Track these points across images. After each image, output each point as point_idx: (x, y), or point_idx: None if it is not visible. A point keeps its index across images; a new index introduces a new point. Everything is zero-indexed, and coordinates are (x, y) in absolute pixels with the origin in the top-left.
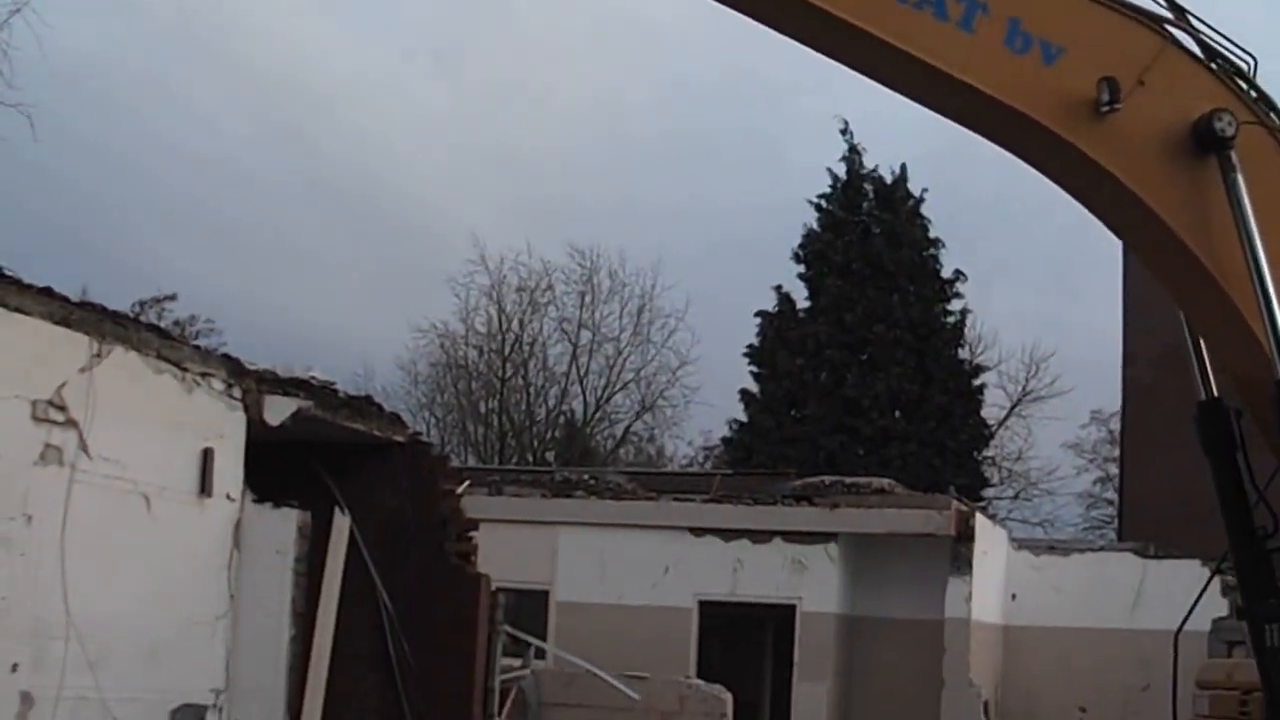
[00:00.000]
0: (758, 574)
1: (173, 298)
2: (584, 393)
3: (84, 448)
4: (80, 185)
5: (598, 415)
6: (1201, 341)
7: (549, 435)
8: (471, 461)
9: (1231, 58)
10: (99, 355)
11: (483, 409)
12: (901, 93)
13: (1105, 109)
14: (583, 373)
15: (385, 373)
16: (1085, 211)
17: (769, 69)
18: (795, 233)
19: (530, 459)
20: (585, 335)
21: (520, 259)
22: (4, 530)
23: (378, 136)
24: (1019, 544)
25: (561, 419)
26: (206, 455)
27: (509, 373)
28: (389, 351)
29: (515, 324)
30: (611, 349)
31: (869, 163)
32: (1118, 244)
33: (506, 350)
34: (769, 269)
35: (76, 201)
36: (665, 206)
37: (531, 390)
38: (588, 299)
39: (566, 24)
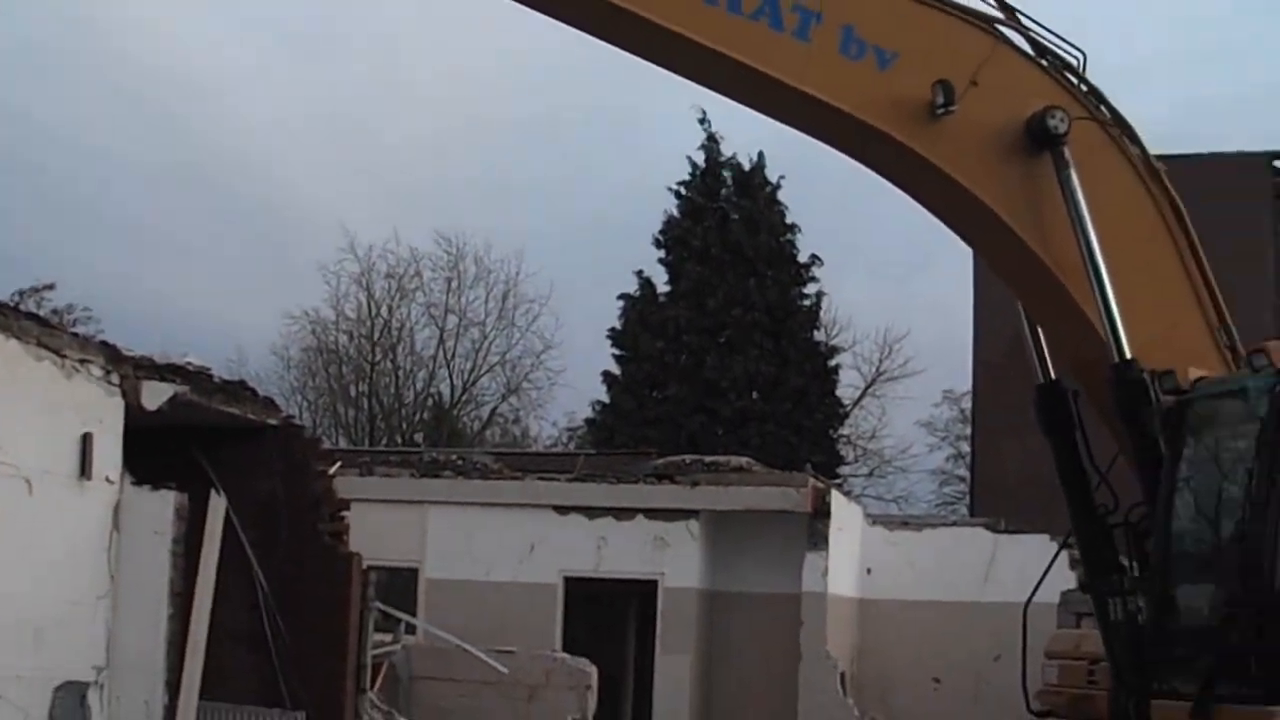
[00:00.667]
0: (621, 551)
1: (51, 287)
2: (451, 376)
3: None
4: None
5: (464, 398)
6: (1039, 328)
7: (418, 417)
8: (343, 444)
9: (1062, 54)
10: None
11: (353, 392)
12: (743, 102)
13: (941, 111)
14: (450, 356)
15: (258, 358)
16: None
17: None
18: (656, 218)
19: (400, 441)
20: (452, 320)
21: (389, 246)
22: None
23: (247, 125)
24: (874, 520)
25: (430, 402)
26: (86, 439)
27: (378, 357)
28: (262, 338)
29: (384, 310)
30: (478, 333)
31: (727, 150)
32: None
33: (376, 335)
34: (629, 254)
35: None
36: (526, 190)
37: (400, 374)
38: (454, 285)
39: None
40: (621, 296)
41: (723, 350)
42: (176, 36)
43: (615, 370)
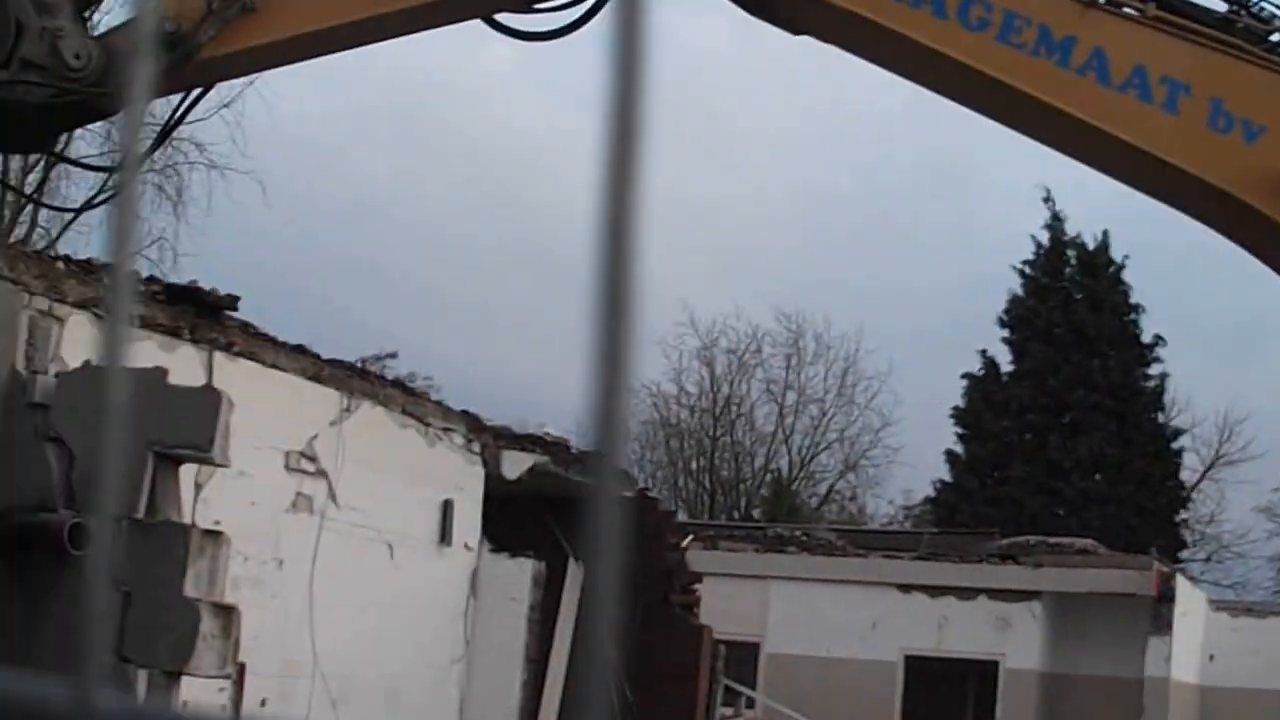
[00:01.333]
0: (962, 630)
1: (394, 355)
2: (789, 452)
3: (332, 497)
4: (304, 244)
5: (802, 474)
6: None
7: (757, 492)
8: (682, 517)
9: None
10: (348, 409)
11: (693, 466)
12: (1103, 171)
13: None
14: (788, 433)
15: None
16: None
17: (962, 147)
18: (995, 300)
19: (738, 515)
20: (791, 396)
21: (729, 322)
22: (257, 573)
23: (579, 205)
24: (1217, 605)
25: (768, 477)
26: (447, 506)
27: (719, 432)
28: None
29: (725, 385)
30: (816, 410)
31: (1071, 229)
32: None
33: (717, 410)
34: (969, 334)
35: (298, 260)
36: (865, 285)
37: (740, 449)
38: (794, 361)
39: (765, 110)
40: (965, 375)
41: (1066, 431)
42: (509, 113)
43: (958, 449)
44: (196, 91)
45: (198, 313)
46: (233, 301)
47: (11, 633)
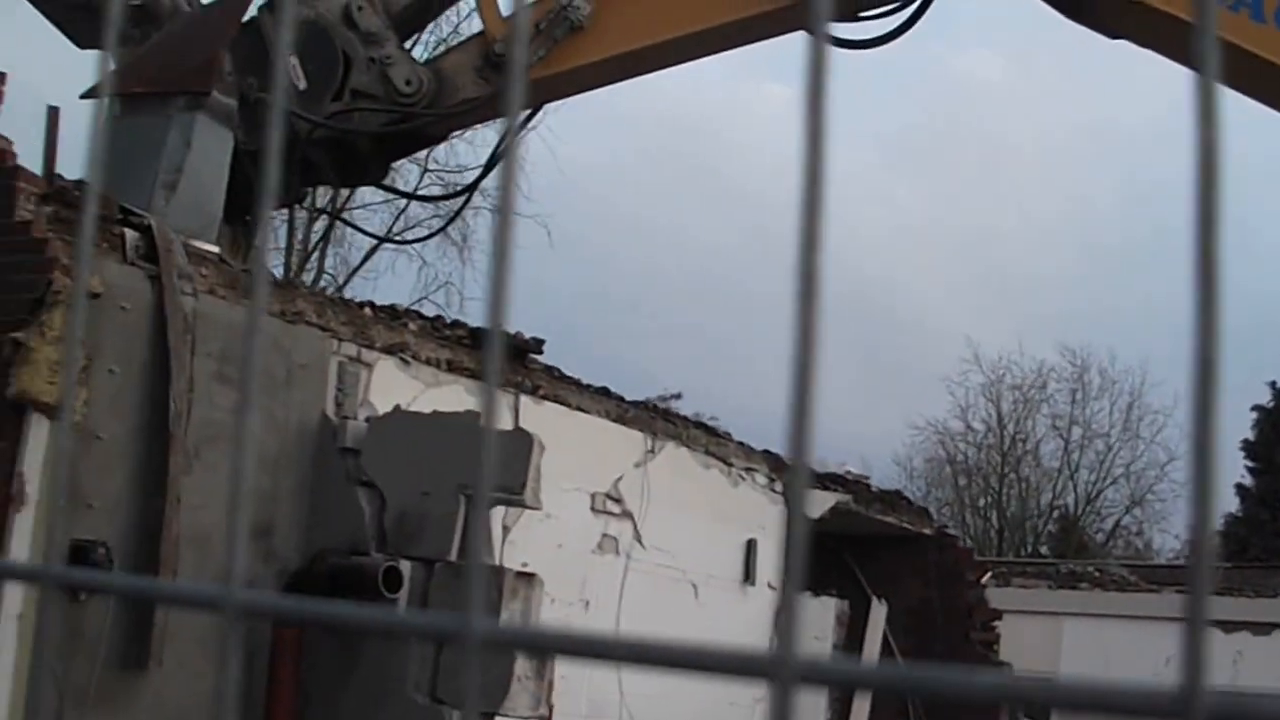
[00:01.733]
0: (1258, 666)
1: (678, 396)
2: (1075, 488)
3: (638, 537)
4: (586, 288)
5: (1089, 509)
6: None
7: (1044, 529)
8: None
9: None
10: (652, 451)
11: (980, 503)
12: None
13: None
14: (1074, 468)
15: (881, 468)
16: None
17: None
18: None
19: (1024, 552)
20: (1076, 431)
21: (1013, 358)
22: (565, 614)
23: (860, 242)
24: None
25: (1055, 513)
26: (750, 546)
27: (1006, 469)
28: (884, 449)
29: (1011, 422)
30: (1102, 445)
31: None
32: None
33: (1004, 447)
34: (1259, 365)
35: (578, 303)
36: (1146, 314)
37: (1025, 485)
38: (1079, 396)
39: (1035, 131)
40: (1255, 408)
41: None
42: (783, 158)
43: (1247, 482)
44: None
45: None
46: (538, 345)
47: (325, 676)
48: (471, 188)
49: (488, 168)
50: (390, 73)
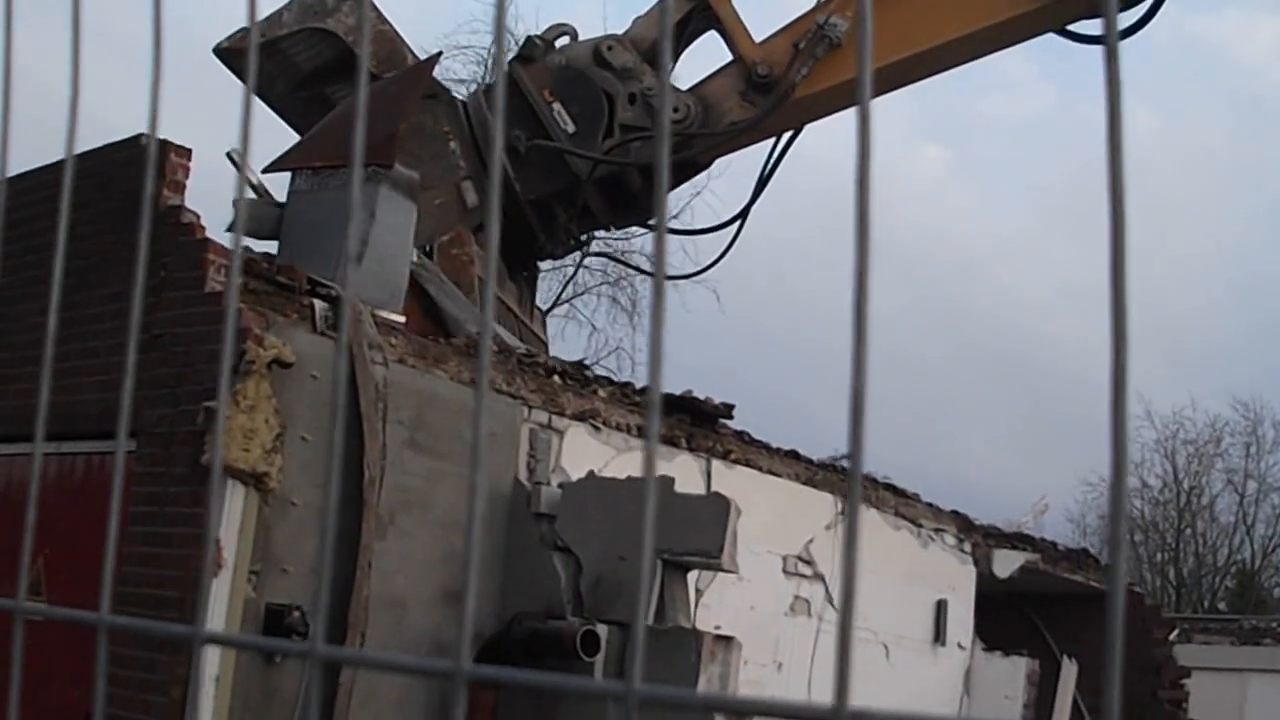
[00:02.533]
0: None
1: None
2: (1251, 542)
3: (829, 599)
4: (753, 347)
5: (1265, 564)
6: None
7: (1220, 585)
8: None
9: None
10: (842, 513)
11: (1157, 559)
12: None
13: None
14: (1250, 523)
15: (1053, 526)
16: None
17: None
18: None
19: (1203, 608)
20: (1252, 485)
21: (1186, 413)
22: (758, 676)
23: (1023, 298)
24: None
25: (1233, 569)
26: (940, 606)
27: (1183, 525)
28: (1057, 506)
29: (1186, 478)
30: (1278, 498)
31: None
32: None
33: (1180, 503)
34: None
35: (748, 363)
36: None
37: (1202, 541)
38: (1253, 449)
39: (1189, 178)
40: None
41: None
42: (942, 215)
43: None
44: (786, 138)
45: (694, 421)
46: (728, 410)
47: None
48: (743, 215)
49: (757, 192)
50: (655, 102)
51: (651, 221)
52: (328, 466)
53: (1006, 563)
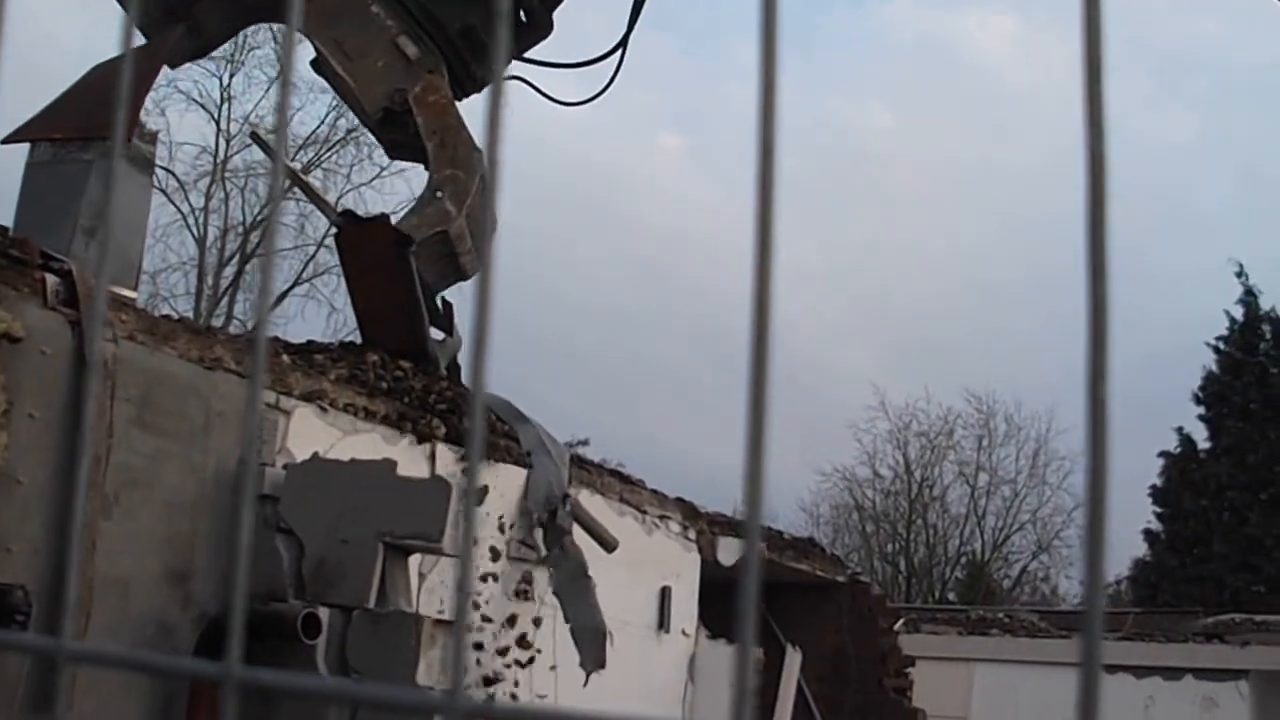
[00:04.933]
0: (1168, 710)
1: (585, 442)
2: (982, 534)
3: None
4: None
5: (996, 555)
6: None
7: (950, 576)
8: None
9: None
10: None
11: (888, 549)
12: None
13: None
14: (981, 515)
15: (787, 515)
16: None
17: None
18: (1188, 374)
19: (933, 598)
20: (983, 478)
21: (920, 405)
22: (484, 658)
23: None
24: None
25: (963, 559)
26: (664, 593)
27: (913, 515)
28: (790, 495)
29: (918, 469)
30: (1009, 491)
31: (1265, 304)
32: None
33: (911, 494)
34: (1161, 409)
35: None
36: (1052, 368)
37: (933, 532)
38: (985, 443)
39: (925, 176)
40: (1161, 454)
41: (1266, 507)
42: (684, 205)
43: (1156, 528)
44: None
45: (421, 406)
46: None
47: None
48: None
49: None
50: None
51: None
52: (69, 447)
53: (732, 550)
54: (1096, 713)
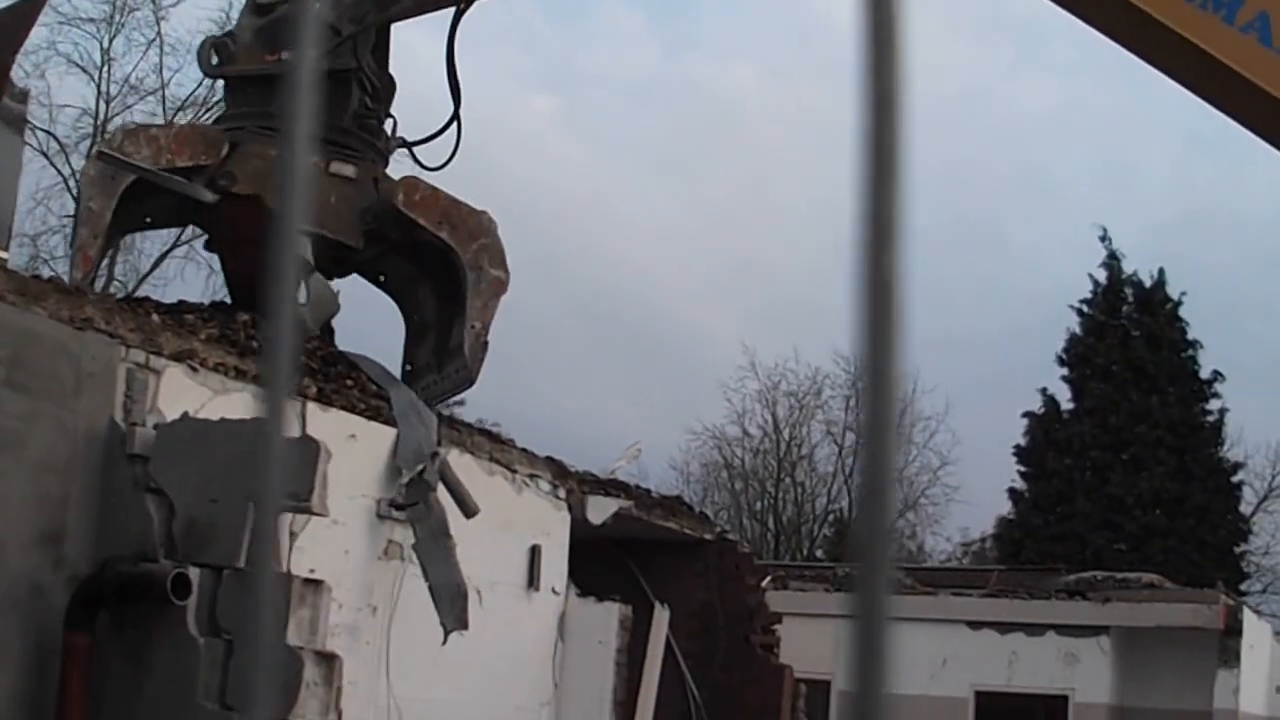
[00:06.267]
0: (1032, 666)
1: (461, 402)
2: (849, 492)
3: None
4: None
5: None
6: None
7: (818, 533)
8: None
9: None
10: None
11: (756, 507)
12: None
13: None
14: (849, 473)
15: (658, 473)
16: None
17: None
18: (1051, 334)
19: (801, 556)
20: (851, 437)
21: (789, 365)
22: (352, 620)
23: (627, 255)
24: None
25: (830, 517)
26: (534, 552)
27: (781, 474)
28: (660, 454)
29: (787, 429)
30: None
31: (1127, 267)
32: None
33: (780, 453)
34: (1025, 370)
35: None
36: (919, 333)
37: (801, 490)
38: (853, 403)
39: (791, 134)
40: (1026, 414)
41: (1127, 467)
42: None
43: (1020, 486)
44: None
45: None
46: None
47: (116, 683)
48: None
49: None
50: None
51: None
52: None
53: (601, 509)
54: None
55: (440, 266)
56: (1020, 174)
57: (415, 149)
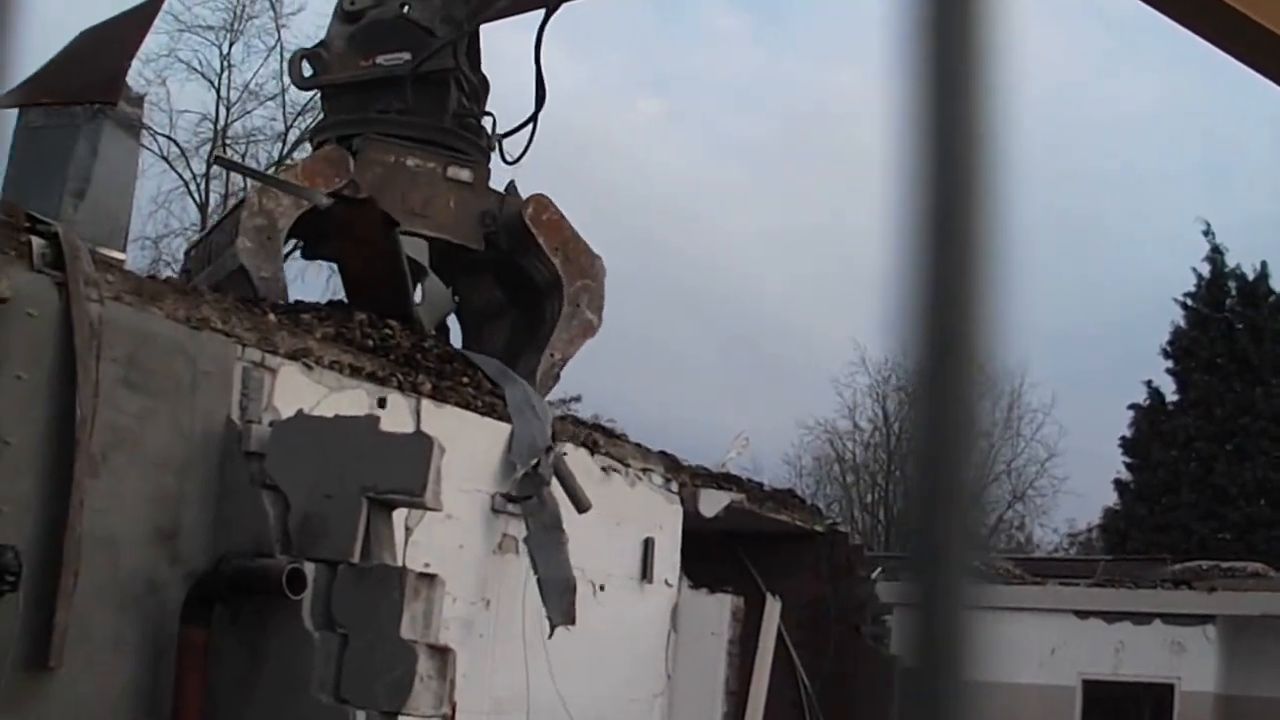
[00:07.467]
0: (1138, 655)
1: (578, 399)
2: None
3: None
4: None
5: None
6: None
7: None
8: None
9: None
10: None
11: (867, 500)
12: None
13: None
14: None
15: (771, 467)
16: None
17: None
18: (1157, 328)
19: None
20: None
21: (897, 360)
22: (466, 613)
23: (732, 245)
24: None
25: None
26: (648, 545)
27: (892, 467)
28: (774, 448)
29: (897, 422)
30: (985, 443)
31: (1230, 261)
32: None
33: (890, 445)
34: (1131, 363)
35: None
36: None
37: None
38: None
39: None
40: (1131, 406)
41: (1231, 458)
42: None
43: (1126, 478)
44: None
45: (405, 360)
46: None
47: (231, 676)
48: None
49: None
50: None
51: None
52: (56, 408)
53: (713, 502)
54: None
55: (525, 300)
56: (1120, 169)
57: (500, 141)
